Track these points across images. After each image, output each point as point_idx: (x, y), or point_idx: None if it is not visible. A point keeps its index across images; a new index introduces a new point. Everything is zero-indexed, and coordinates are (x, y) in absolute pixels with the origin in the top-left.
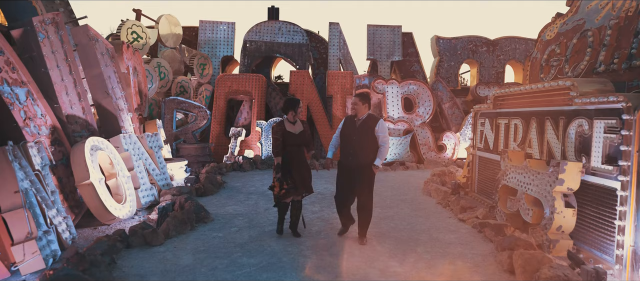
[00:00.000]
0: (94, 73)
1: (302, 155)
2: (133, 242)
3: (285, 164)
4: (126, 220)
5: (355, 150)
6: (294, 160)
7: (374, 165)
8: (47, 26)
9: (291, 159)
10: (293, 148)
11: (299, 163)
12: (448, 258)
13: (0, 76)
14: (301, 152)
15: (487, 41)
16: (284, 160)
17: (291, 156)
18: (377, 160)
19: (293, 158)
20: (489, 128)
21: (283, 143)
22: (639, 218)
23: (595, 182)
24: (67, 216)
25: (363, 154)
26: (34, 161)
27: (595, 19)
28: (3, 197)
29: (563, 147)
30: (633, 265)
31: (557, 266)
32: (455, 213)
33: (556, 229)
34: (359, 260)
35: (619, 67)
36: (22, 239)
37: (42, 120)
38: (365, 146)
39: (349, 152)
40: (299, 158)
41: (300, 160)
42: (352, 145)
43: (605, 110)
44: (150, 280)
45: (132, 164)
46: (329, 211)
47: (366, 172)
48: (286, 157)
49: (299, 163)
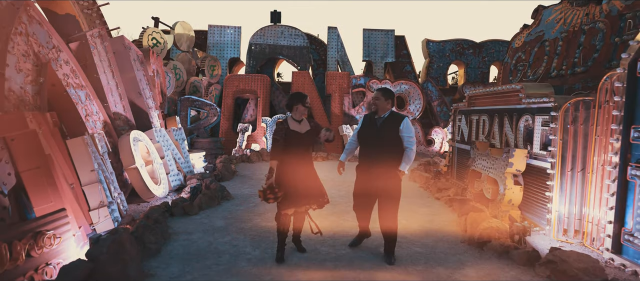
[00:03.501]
0: (129, 76)
1: (309, 160)
2: (175, 212)
3: (285, 170)
4: (161, 198)
5: (377, 154)
6: (298, 166)
7: (400, 170)
8: (96, 39)
9: (294, 164)
10: (298, 151)
11: (304, 169)
12: (421, 223)
13: (68, 81)
14: (308, 157)
15: (473, 44)
16: (284, 165)
17: (295, 160)
18: (402, 164)
19: (297, 164)
20: (465, 124)
21: (286, 144)
22: (562, 190)
23: (536, 164)
24: (121, 192)
25: (386, 158)
26: (100, 148)
27: (551, 32)
28: (82, 174)
29: (515, 137)
30: (557, 225)
31: (491, 221)
32: (433, 193)
33: (507, 202)
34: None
35: (566, 73)
36: (96, 206)
37: (97, 116)
38: (389, 149)
39: (369, 155)
40: (304, 164)
41: (306, 166)
42: (373, 147)
43: (542, 109)
44: (195, 234)
45: (163, 154)
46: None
47: (390, 180)
48: (286, 161)
49: (304, 169)
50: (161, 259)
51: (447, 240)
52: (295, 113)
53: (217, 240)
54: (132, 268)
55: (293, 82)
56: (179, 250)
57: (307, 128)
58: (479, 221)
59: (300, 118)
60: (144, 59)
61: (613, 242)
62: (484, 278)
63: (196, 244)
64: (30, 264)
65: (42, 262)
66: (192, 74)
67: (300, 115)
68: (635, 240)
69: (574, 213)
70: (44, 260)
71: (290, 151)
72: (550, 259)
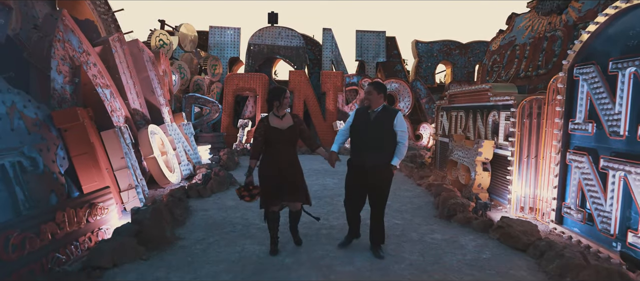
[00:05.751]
0: (143, 76)
1: (293, 156)
2: (191, 194)
3: (266, 166)
4: (175, 185)
5: (369, 148)
6: (280, 162)
7: (392, 165)
8: (116, 43)
9: (276, 160)
10: (280, 147)
11: (288, 165)
12: (402, 202)
13: (96, 81)
14: (291, 152)
15: (460, 45)
16: (267, 162)
17: (277, 156)
18: (395, 159)
19: (280, 159)
20: (446, 119)
21: (268, 142)
22: (520, 174)
23: (500, 153)
24: (142, 178)
25: (378, 153)
26: (126, 138)
27: (521, 37)
28: (114, 161)
29: (485, 130)
30: (516, 204)
31: (458, 199)
32: (415, 180)
33: (477, 186)
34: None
35: (531, 74)
36: (126, 188)
37: (120, 112)
38: (381, 143)
39: (362, 150)
40: (287, 159)
41: (290, 162)
42: (365, 141)
43: (506, 105)
44: (211, 211)
45: (175, 146)
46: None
47: (382, 174)
48: (269, 158)
49: (288, 165)
50: (187, 228)
51: (423, 215)
52: (275, 109)
53: (229, 215)
54: (167, 231)
55: (290, 81)
56: (200, 222)
57: (289, 123)
58: (448, 199)
59: (282, 114)
60: (155, 60)
61: (556, 215)
62: (448, 239)
63: (213, 218)
64: (88, 227)
65: (96, 227)
66: (195, 73)
67: (280, 111)
68: (571, 212)
69: (529, 194)
70: (97, 225)
71: (272, 148)
72: (500, 225)
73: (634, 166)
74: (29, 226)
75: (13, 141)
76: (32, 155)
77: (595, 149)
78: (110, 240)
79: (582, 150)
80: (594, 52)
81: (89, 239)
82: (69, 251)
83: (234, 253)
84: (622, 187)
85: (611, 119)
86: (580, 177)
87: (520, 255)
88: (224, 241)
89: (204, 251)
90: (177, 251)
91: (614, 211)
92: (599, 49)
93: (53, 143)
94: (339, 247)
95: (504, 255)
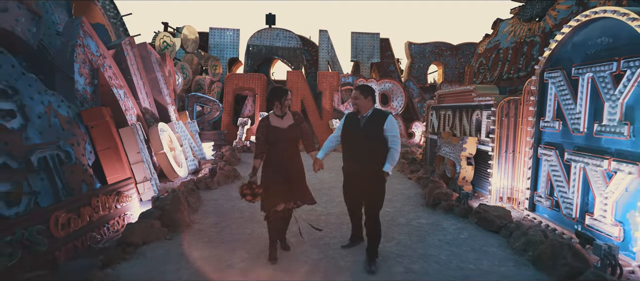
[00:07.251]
0: (151, 77)
1: (295, 155)
2: (200, 186)
3: (268, 166)
4: (182, 179)
5: (360, 155)
6: (283, 161)
7: (384, 171)
8: (127, 46)
9: (278, 159)
10: (282, 146)
11: (290, 164)
12: (394, 194)
13: (112, 82)
14: (292, 151)
15: (451, 46)
16: (269, 161)
17: (278, 156)
18: (386, 165)
19: (282, 159)
20: (435, 118)
21: (269, 141)
22: (499, 168)
23: (483, 148)
24: (154, 171)
25: (370, 159)
26: (141, 135)
27: (505, 41)
28: (131, 155)
29: (470, 128)
30: (496, 195)
31: (444, 189)
32: (406, 174)
33: (462, 179)
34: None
35: (513, 76)
36: (141, 180)
37: (133, 111)
38: (372, 149)
39: (353, 157)
40: (289, 158)
41: (292, 161)
42: (356, 148)
43: (487, 105)
44: (220, 200)
45: (182, 142)
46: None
47: (375, 180)
48: (272, 157)
49: (290, 164)
50: (200, 214)
51: (411, 204)
52: (275, 109)
53: (237, 204)
54: (185, 216)
55: (287, 81)
56: (211, 209)
57: (289, 122)
58: (434, 190)
59: (282, 114)
60: (161, 61)
61: (529, 203)
62: (432, 223)
63: (222, 206)
64: (116, 212)
65: (122, 213)
66: (197, 73)
67: (280, 110)
68: (542, 200)
69: (507, 185)
70: (123, 211)
71: (274, 147)
72: (478, 210)
73: (591, 158)
74: (72, 208)
75: (51, 136)
76: (67, 149)
77: (562, 144)
78: (138, 222)
79: (551, 145)
80: (561, 59)
81: (117, 222)
82: (102, 232)
83: (244, 234)
84: (582, 177)
85: (574, 118)
86: (549, 169)
87: (494, 235)
88: (235, 225)
89: (218, 233)
90: (196, 233)
91: (576, 198)
92: (564, 56)
93: (82, 138)
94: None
95: (479, 236)
